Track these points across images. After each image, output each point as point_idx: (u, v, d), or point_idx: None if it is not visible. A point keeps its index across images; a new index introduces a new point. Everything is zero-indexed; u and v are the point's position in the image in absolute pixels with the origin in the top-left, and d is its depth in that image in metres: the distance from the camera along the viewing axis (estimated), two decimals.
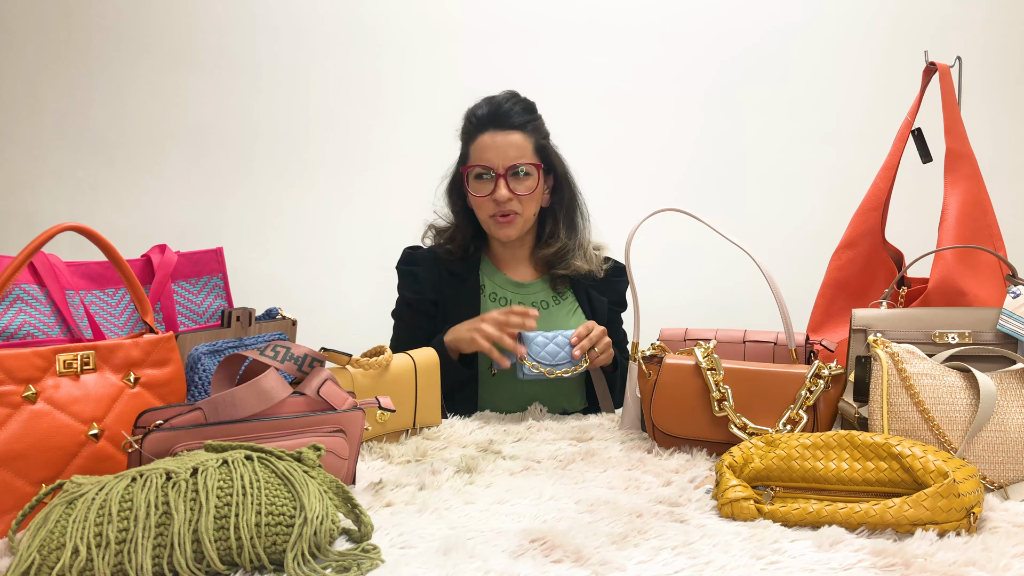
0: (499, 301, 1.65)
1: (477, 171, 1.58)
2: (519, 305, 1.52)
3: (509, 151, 1.56)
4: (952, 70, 1.44)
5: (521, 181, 1.58)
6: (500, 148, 1.56)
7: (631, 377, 1.37)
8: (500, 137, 1.57)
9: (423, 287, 1.63)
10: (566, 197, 1.68)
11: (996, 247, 1.35)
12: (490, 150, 1.57)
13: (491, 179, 1.57)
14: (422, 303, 1.63)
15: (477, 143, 1.59)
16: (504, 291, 1.66)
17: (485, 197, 1.58)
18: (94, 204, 2.68)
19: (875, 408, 1.04)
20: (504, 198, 1.56)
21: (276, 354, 1.03)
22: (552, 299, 1.67)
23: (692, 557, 0.79)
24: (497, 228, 1.61)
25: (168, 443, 0.89)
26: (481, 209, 1.61)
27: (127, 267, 1.03)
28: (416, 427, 1.34)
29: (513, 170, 1.57)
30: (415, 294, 1.64)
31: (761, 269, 1.24)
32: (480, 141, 1.58)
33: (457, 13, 2.70)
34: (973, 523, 0.83)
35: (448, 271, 1.65)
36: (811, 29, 2.67)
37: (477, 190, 1.59)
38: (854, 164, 2.10)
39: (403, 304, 1.67)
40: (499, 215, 1.58)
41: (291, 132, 2.71)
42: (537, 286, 1.68)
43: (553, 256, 1.66)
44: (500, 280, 1.67)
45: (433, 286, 1.63)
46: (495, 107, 1.59)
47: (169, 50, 2.69)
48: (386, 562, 0.78)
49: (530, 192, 1.59)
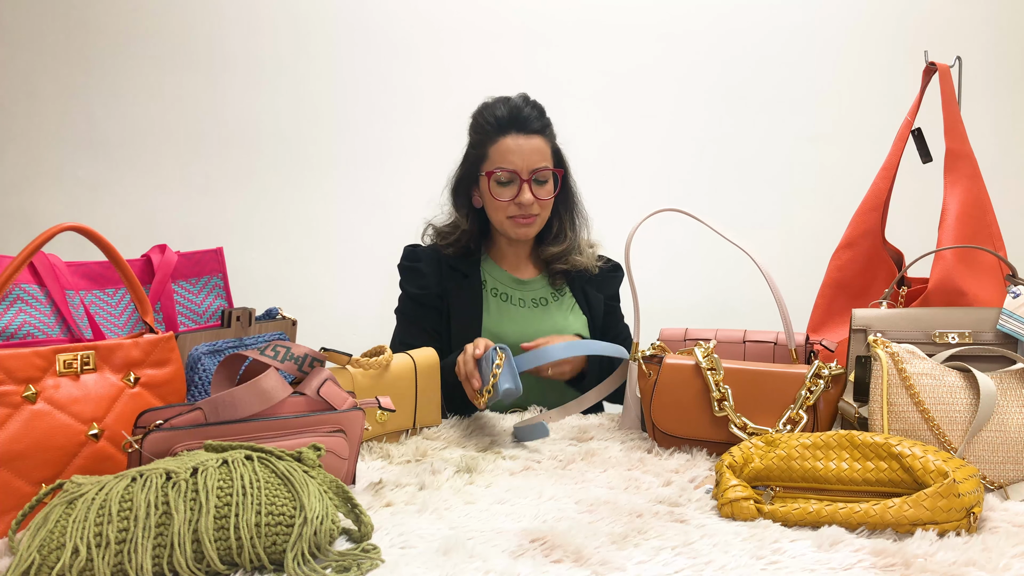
0: (500, 297, 1.66)
1: (500, 176, 1.58)
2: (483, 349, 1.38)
3: (533, 156, 1.58)
4: (952, 70, 1.44)
5: (543, 185, 1.61)
6: (525, 153, 1.58)
7: (631, 377, 1.37)
8: (523, 141, 1.58)
9: (427, 282, 1.64)
10: (570, 196, 1.71)
11: (996, 247, 1.35)
12: (514, 154, 1.57)
13: (514, 183, 1.58)
14: (427, 297, 1.63)
15: (499, 145, 1.59)
16: (505, 287, 1.67)
17: (507, 201, 1.59)
18: (94, 204, 2.68)
19: (875, 408, 1.04)
20: (529, 202, 1.58)
21: (276, 354, 1.03)
22: (551, 296, 1.69)
23: (692, 557, 0.79)
24: (516, 229, 1.62)
25: (168, 443, 0.89)
26: (500, 211, 1.62)
27: (127, 267, 1.03)
28: (416, 427, 1.34)
29: (536, 176, 1.59)
30: (420, 289, 1.64)
31: (761, 269, 1.24)
32: (503, 144, 1.59)
33: (460, 13, 2.70)
34: (973, 523, 0.83)
35: (450, 267, 1.66)
36: (811, 29, 2.67)
37: (499, 194, 1.59)
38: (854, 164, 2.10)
39: (408, 300, 1.67)
40: (520, 217, 1.60)
41: (291, 132, 2.71)
42: (537, 283, 1.70)
43: (559, 253, 1.68)
44: (502, 276, 1.68)
45: (437, 281, 1.64)
46: (515, 110, 1.60)
47: (169, 50, 2.69)
48: (386, 562, 0.78)
49: (549, 197, 1.62)
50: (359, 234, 2.68)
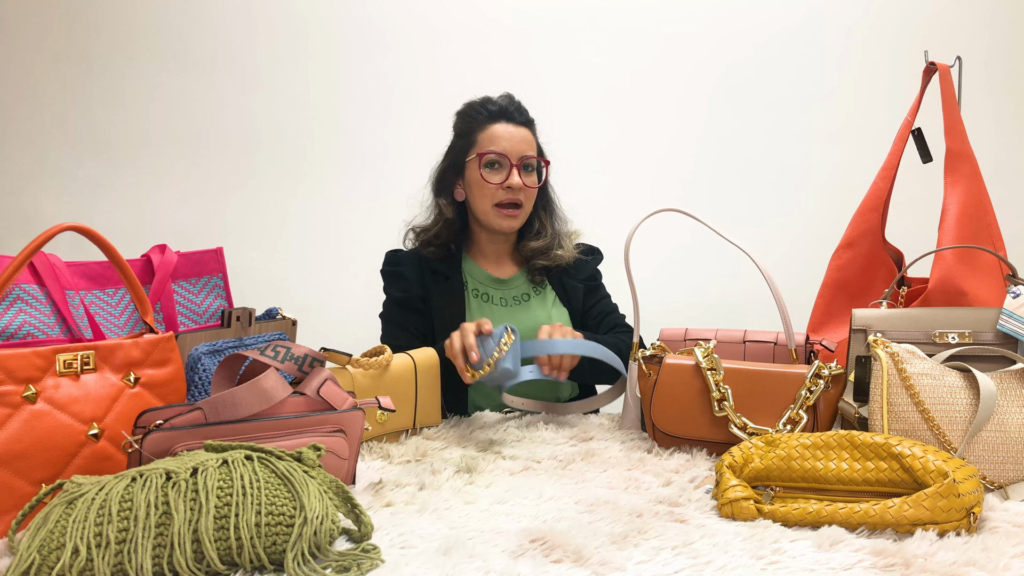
0: (481, 297, 1.68)
1: (491, 158, 1.61)
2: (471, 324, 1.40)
3: (522, 144, 1.63)
4: (952, 70, 1.44)
5: (530, 175, 1.65)
6: (514, 139, 1.62)
7: (631, 377, 1.37)
8: (513, 129, 1.63)
9: (410, 284, 1.65)
10: (548, 194, 1.75)
11: (996, 247, 1.35)
12: (504, 139, 1.62)
13: (504, 167, 1.61)
14: (412, 300, 1.64)
15: (489, 132, 1.63)
16: (485, 287, 1.69)
17: (496, 184, 1.61)
18: (94, 204, 2.68)
19: (875, 408, 1.04)
20: (519, 186, 1.61)
21: (276, 354, 1.03)
22: (533, 291, 1.71)
23: (692, 557, 0.79)
24: (501, 219, 1.63)
25: (168, 443, 0.89)
26: (486, 197, 1.63)
27: (127, 267, 1.03)
28: (416, 427, 1.34)
29: (525, 162, 1.63)
30: (404, 292, 1.65)
31: (760, 269, 1.24)
32: (493, 130, 1.63)
33: (458, 14, 2.70)
34: (973, 523, 0.83)
35: (431, 270, 1.67)
36: (811, 30, 2.67)
37: (489, 177, 1.62)
38: (854, 164, 2.10)
39: (393, 305, 1.68)
40: (507, 203, 1.62)
41: (291, 132, 2.71)
42: (517, 280, 1.71)
43: (540, 248, 1.70)
44: (481, 276, 1.69)
45: (420, 283, 1.65)
46: (506, 102, 1.66)
47: (169, 50, 2.69)
48: (386, 562, 0.78)
49: (535, 187, 1.66)
50: (359, 234, 2.68)
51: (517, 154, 1.61)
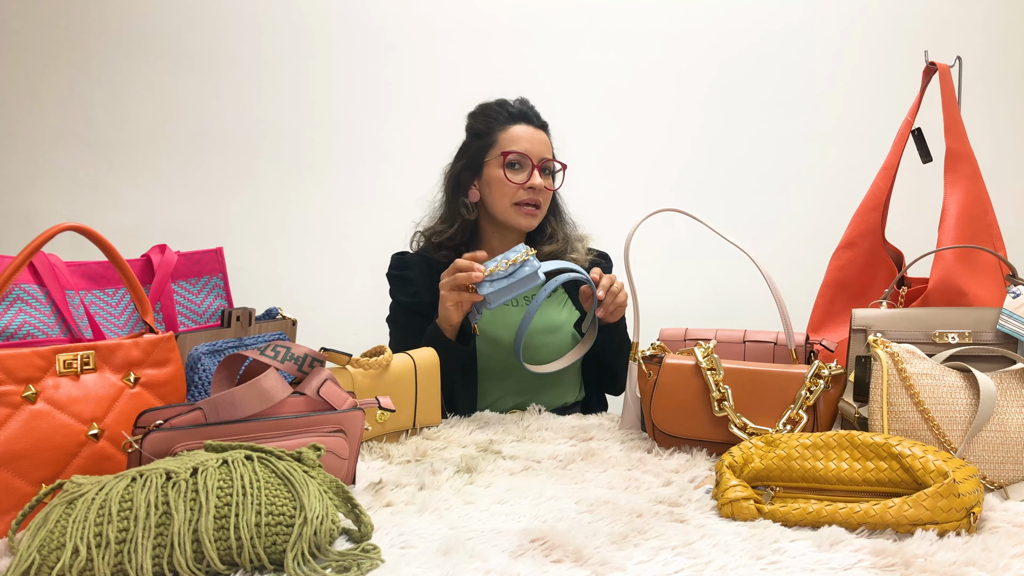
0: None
1: (514, 158, 1.63)
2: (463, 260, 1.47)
3: (542, 146, 1.66)
4: (952, 70, 1.44)
5: (547, 177, 1.68)
6: (536, 141, 1.65)
7: (631, 377, 1.37)
8: (532, 131, 1.66)
9: (418, 289, 1.65)
10: (556, 198, 1.77)
11: (996, 247, 1.35)
12: (526, 140, 1.64)
13: (524, 168, 1.64)
14: (419, 305, 1.64)
15: (510, 132, 1.65)
16: None
17: (518, 184, 1.62)
18: (94, 204, 2.68)
19: (875, 408, 1.04)
20: (540, 186, 1.63)
21: (276, 354, 1.03)
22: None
23: (692, 557, 0.79)
24: (521, 216, 1.65)
25: (168, 443, 0.89)
26: (505, 196, 1.64)
27: (127, 267, 1.03)
28: (416, 427, 1.34)
29: (544, 164, 1.66)
30: (411, 297, 1.65)
31: (760, 269, 1.24)
32: (514, 131, 1.65)
33: (458, 14, 2.70)
34: (973, 523, 0.83)
35: (440, 273, 1.66)
36: (810, 29, 2.67)
37: (512, 177, 1.63)
38: (854, 164, 2.10)
39: (399, 309, 1.68)
40: (526, 203, 1.63)
41: (291, 132, 2.71)
42: None
43: (554, 253, 1.71)
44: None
45: (427, 288, 1.64)
46: (524, 106, 1.70)
47: (169, 50, 2.69)
48: (386, 562, 0.78)
49: (553, 189, 1.70)
50: (359, 234, 2.68)
51: (538, 155, 1.64)
